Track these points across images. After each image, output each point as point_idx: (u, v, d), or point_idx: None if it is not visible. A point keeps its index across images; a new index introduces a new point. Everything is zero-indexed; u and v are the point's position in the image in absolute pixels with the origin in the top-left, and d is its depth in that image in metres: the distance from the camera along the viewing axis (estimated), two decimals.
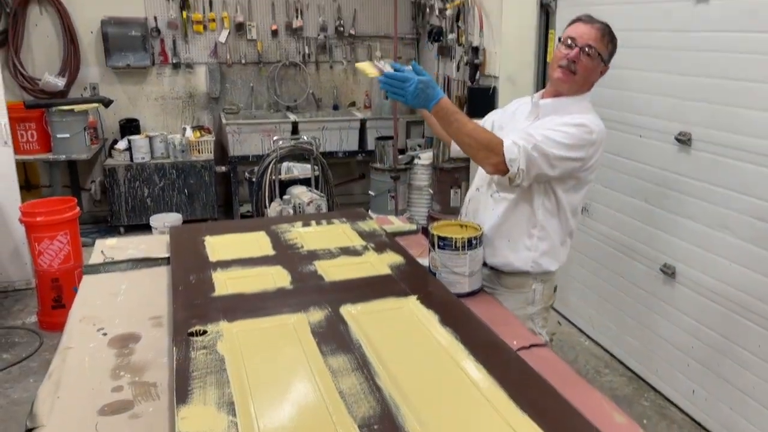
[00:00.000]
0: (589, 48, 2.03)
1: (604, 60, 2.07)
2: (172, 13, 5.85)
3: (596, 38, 2.04)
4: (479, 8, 4.53)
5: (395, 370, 1.45)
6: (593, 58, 2.04)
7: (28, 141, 5.28)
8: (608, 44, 2.07)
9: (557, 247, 2.17)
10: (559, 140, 1.96)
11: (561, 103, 2.09)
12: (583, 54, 2.03)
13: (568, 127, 1.98)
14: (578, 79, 2.06)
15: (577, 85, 2.08)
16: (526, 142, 1.93)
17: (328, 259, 2.15)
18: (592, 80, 2.11)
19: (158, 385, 1.48)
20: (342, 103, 6.52)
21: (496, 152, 1.93)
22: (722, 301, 2.84)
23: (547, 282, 2.21)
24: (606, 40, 2.06)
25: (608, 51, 2.08)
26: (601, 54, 2.05)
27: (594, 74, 2.09)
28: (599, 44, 2.04)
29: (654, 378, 3.35)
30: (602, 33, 2.05)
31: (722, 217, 2.81)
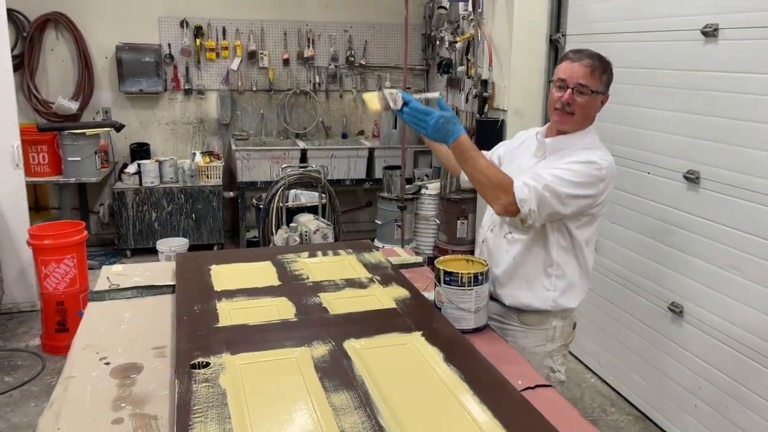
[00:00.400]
0: (581, 87, 2.00)
1: (601, 92, 2.04)
2: (186, 40, 5.95)
3: (586, 75, 2.00)
4: (489, 42, 4.58)
5: (398, 409, 1.43)
6: (588, 96, 2.01)
7: (39, 163, 5.33)
8: (601, 75, 2.02)
9: (576, 284, 2.14)
10: (569, 179, 1.95)
11: (567, 140, 2.08)
12: (576, 94, 2.01)
13: (577, 165, 1.97)
14: (577, 118, 2.05)
15: (578, 123, 2.07)
16: (537, 182, 1.93)
17: (333, 291, 2.14)
18: (593, 114, 2.09)
19: (159, 418, 1.47)
20: (351, 132, 6.56)
21: (506, 191, 1.93)
22: (731, 342, 2.80)
23: (567, 319, 2.18)
24: (598, 72, 2.01)
25: (603, 82, 2.03)
26: (595, 89, 2.02)
27: (593, 109, 2.07)
28: (590, 80, 2.00)
29: (661, 418, 3.30)
30: (592, 68, 2.00)
31: (731, 257, 2.79)
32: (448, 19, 5.60)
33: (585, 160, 1.99)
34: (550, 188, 1.93)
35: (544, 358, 2.16)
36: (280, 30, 6.17)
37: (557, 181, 1.94)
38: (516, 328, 2.17)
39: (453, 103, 5.68)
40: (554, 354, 2.18)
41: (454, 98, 5.68)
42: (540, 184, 1.93)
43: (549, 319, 2.14)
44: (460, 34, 5.25)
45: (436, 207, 5.27)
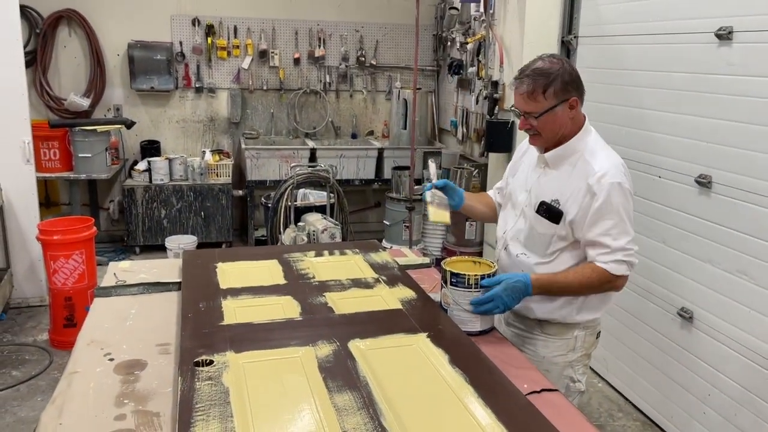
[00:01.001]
0: (528, 114, 1.96)
1: (552, 107, 1.93)
2: (198, 38, 5.97)
3: (525, 102, 1.94)
4: (500, 43, 4.56)
5: (401, 411, 1.42)
6: (542, 116, 1.94)
7: (50, 159, 5.36)
8: (544, 92, 1.91)
9: (600, 295, 2.07)
10: (625, 222, 1.92)
11: (566, 149, 2.01)
12: (529, 118, 1.97)
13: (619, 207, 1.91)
14: (548, 135, 1.98)
15: (556, 137, 1.99)
16: (617, 253, 1.91)
17: (338, 290, 2.14)
18: (566, 122, 1.97)
19: (161, 415, 1.46)
20: (360, 132, 6.56)
21: (611, 281, 1.94)
22: (741, 349, 2.77)
23: (590, 328, 2.12)
24: (538, 92, 1.91)
25: (551, 96, 1.92)
26: (541, 111, 1.93)
27: (557, 123, 1.96)
28: (532, 105, 1.93)
29: (669, 424, 3.26)
30: (528, 92, 1.92)
31: (742, 263, 2.75)
32: (459, 20, 5.58)
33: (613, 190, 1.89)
34: (623, 248, 1.92)
35: (564, 368, 2.11)
36: (292, 29, 6.17)
37: (621, 232, 1.92)
38: (537, 337, 2.12)
39: (463, 105, 5.67)
40: (575, 364, 2.12)
41: (464, 99, 5.67)
42: (620, 251, 1.92)
43: (571, 330, 2.09)
44: (471, 35, 5.23)
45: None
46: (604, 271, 1.92)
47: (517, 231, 2.13)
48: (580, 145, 2.00)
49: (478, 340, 1.89)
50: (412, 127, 5.20)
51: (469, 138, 5.63)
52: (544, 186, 2.04)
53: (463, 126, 5.68)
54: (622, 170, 1.95)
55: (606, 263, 1.92)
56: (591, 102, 3.81)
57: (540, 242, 2.05)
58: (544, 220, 2.01)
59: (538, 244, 2.05)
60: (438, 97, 6.49)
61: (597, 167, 1.93)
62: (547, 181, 2.04)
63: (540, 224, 2.03)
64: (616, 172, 1.92)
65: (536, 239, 2.06)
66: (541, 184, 2.05)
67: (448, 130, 6.15)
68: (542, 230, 2.03)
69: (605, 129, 3.61)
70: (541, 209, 2.02)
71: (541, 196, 2.03)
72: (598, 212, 1.90)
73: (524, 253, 2.09)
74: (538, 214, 2.02)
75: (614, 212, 1.90)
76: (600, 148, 2.01)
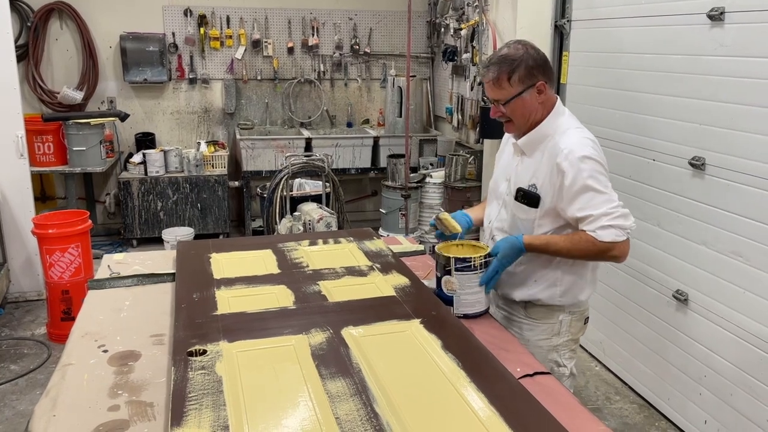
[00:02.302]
0: (496, 101, 2.00)
1: (519, 92, 1.96)
2: (190, 29, 5.93)
3: (493, 89, 1.98)
4: (493, 29, 4.53)
5: (394, 397, 1.43)
6: (510, 103, 1.97)
7: (44, 153, 5.34)
8: (509, 79, 1.94)
9: (586, 276, 2.09)
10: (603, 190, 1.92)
11: (538, 133, 2.03)
12: (501, 106, 2.00)
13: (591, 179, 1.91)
14: (519, 121, 2.01)
15: (527, 122, 2.02)
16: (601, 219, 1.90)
17: (332, 279, 2.14)
18: (535, 107, 2.00)
19: (155, 405, 1.47)
20: (356, 121, 6.54)
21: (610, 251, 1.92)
22: (736, 330, 2.78)
23: (576, 313, 2.13)
24: (504, 79, 1.94)
25: (516, 81, 1.95)
26: (509, 97, 1.96)
27: (527, 107, 1.98)
28: (500, 92, 1.97)
29: (665, 406, 3.28)
30: (494, 79, 1.96)
31: (736, 244, 2.75)
32: (452, 6, 5.55)
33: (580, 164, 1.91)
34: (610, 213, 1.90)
35: (549, 352, 2.12)
36: (284, 18, 6.14)
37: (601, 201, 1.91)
38: (522, 320, 2.14)
39: (458, 91, 5.65)
40: (560, 348, 2.13)
41: (459, 86, 5.65)
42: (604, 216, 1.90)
43: (555, 314, 2.10)
44: (465, 21, 5.20)
45: (441, 196, 5.25)
46: (591, 238, 1.91)
47: (501, 221, 2.15)
48: (551, 128, 2.02)
49: (472, 324, 1.90)
50: (407, 115, 5.19)
51: (464, 125, 5.62)
52: (521, 173, 2.07)
53: (459, 113, 5.66)
54: (589, 144, 1.96)
55: (593, 231, 1.91)
56: (584, 86, 3.83)
57: (523, 228, 2.06)
58: (523, 206, 2.04)
59: (522, 231, 2.05)
60: (433, 84, 6.47)
61: (563, 145, 1.95)
62: (524, 168, 2.06)
63: (520, 210, 2.05)
64: (581, 147, 1.94)
65: (519, 226, 2.07)
66: (518, 172, 2.08)
67: (443, 117, 6.13)
68: (523, 216, 2.05)
69: (599, 112, 3.62)
70: (519, 195, 2.04)
71: (518, 183, 2.06)
72: (571, 189, 1.92)
73: None
74: (517, 201, 2.05)
75: (585, 185, 1.91)
76: (572, 127, 2.02)
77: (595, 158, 1.94)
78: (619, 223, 1.90)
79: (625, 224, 1.91)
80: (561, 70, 4.03)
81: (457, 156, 5.04)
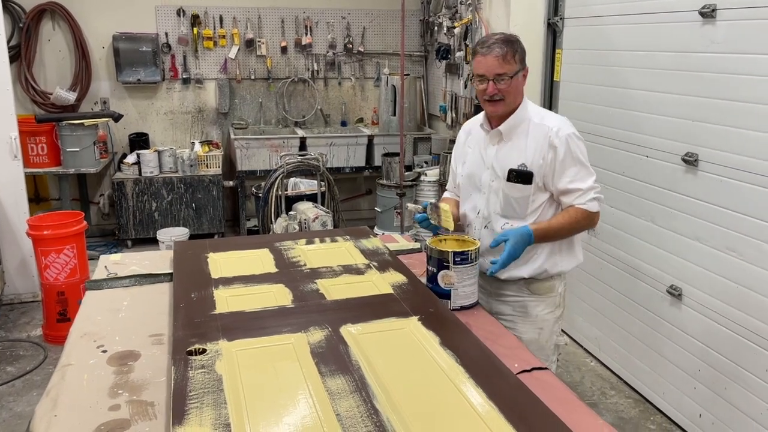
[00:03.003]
0: (499, 76, 2.12)
1: (518, 70, 2.15)
2: (183, 29, 5.92)
3: (500, 65, 2.11)
4: (487, 26, 4.55)
5: (394, 393, 1.44)
6: (508, 80, 2.13)
7: (38, 154, 5.32)
8: (514, 56, 2.13)
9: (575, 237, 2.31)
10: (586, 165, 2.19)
11: (516, 118, 2.21)
12: (498, 83, 2.13)
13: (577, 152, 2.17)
14: (508, 100, 2.17)
15: (515, 102, 2.19)
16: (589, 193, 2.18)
17: (330, 277, 2.15)
18: (522, 89, 2.21)
19: (156, 404, 1.47)
20: (350, 120, 6.54)
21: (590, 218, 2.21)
22: (730, 324, 2.81)
23: (564, 281, 2.37)
24: (509, 55, 2.12)
25: (517, 60, 2.14)
26: (513, 72, 2.13)
27: (520, 86, 2.19)
28: (506, 67, 2.11)
29: (660, 401, 3.31)
30: (502, 54, 2.11)
31: (730, 239, 2.78)
32: (445, 4, 5.56)
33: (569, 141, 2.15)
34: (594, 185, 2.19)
35: (554, 323, 2.34)
36: (278, 17, 6.13)
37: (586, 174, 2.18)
38: (527, 298, 2.30)
39: (452, 89, 5.66)
40: (559, 320, 2.37)
41: (453, 84, 5.66)
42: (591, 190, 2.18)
43: (555, 287, 2.31)
44: (458, 19, 5.22)
45: (436, 193, 5.26)
46: (584, 211, 2.18)
47: (492, 206, 2.28)
48: (526, 113, 2.22)
49: (468, 321, 1.91)
50: (401, 114, 5.20)
51: (458, 123, 5.63)
52: (505, 157, 2.23)
53: (453, 111, 5.68)
54: (570, 123, 2.21)
55: (584, 204, 2.17)
56: (577, 83, 3.85)
57: (518, 207, 2.22)
58: (517, 185, 2.20)
59: (517, 209, 2.22)
60: (427, 82, 6.48)
61: (551, 124, 2.17)
62: (507, 152, 2.22)
63: (514, 190, 2.21)
64: (567, 126, 2.19)
65: (513, 205, 2.23)
66: (501, 157, 2.24)
67: (437, 116, 6.15)
68: (517, 194, 2.21)
69: (592, 109, 3.64)
70: (511, 176, 2.20)
71: (506, 165, 2.21)
72: (563, 163, 2.15)
73: (507, 222, 2.25)
74: (510, 181, 2.20)
75: (575, 159, 2.16)
76: (544, 111, 2.28)
77: (578, 135, 2.19)
78: (599, 196, 2.20)
79: (602, 197, 2.23)
80: (554, 68, 4.05)
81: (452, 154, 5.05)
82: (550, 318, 2.31)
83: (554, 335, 2.34)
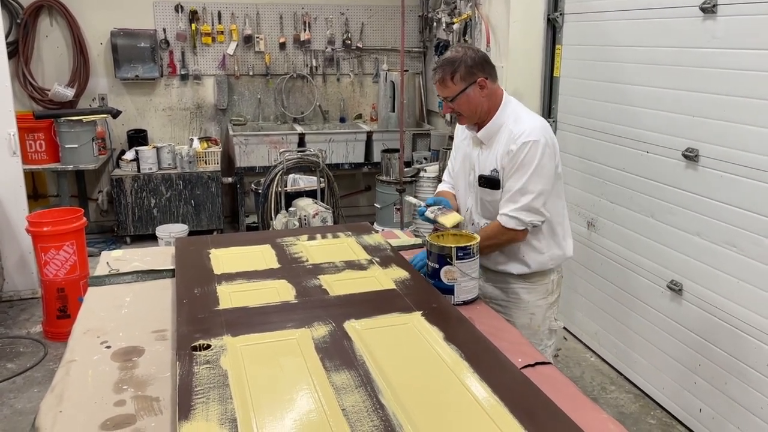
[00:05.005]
0: (446, 98, 2.22)
1: (462, 89, 2.17)
2: (181, 25, 5.90)
3: (440, 89, 2.21)
4: (486, 23, 4.55)
5: (399, 388, 1.44)
6: (457, 99, 2.18)
7: (36, 151, 5.31)
8: (453, 78, 2.16)
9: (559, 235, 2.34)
10: (531, 180, 2.15)
11: (493, 124, 2.25)
12: (449, 103, 2.22)
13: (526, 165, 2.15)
14: (468, 114, 2.24)
15: (475, 114, 2.23)
16: (516, 210, 2.17)
17: (332, 273, 2.15)
18: (481, 100, 2.20)
19: (161, 399, 1.47)
20: (349, 116, 6.54)
21: (512, 238, 2.22)
22: (730, 319, 2.82)
23: (559, 271, 2.42)
24: (448, 78, 2.16)
25: (459, 80, 2.16)
26: (454, 94, 2.17)
27: (473, 102, 2.19)
28: (445, 90, 2.19)
29: (660, 395, 3.32)
30: (440, 80, 2.18)
31: (730, 234, 2.79)
32: (444, 0, 5.55)
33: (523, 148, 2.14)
34: (529, 205, 2.17)
35: (547, 309, 2.38)
36: (276, 13, 6.12)
37: (523, 191, 2.16)
38: (519, 285, 2.35)
39: None
40: (553, 305, 2.41)
41: None
42: (518, 208, 2.17)
43: (548, 275, 2.36)
44: (457, 15, 5.20)
45: (435, 189, 5.26)
46: (497, 226, 2.22)
47: (474, 205, 2.38)
48: (503, 118, 2.24)
49: (471, 315, 1.92)
50: (400, 110, 5.19)
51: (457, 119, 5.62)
52: (483, 162, 2.30)
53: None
54: (540, 130, 2.18)
55: (500, 216, 2.21)
56: (577, 79, 3.85)
57: (492, 209, 2.29)
58: (487, 190, 2.28)
59: (491, 211, 2.30)
60: (425, 78, 6.47)
61: (517, 129, 2.18)
62: (485, 156, 2.29)
63: (485, 194, 2.30)
64: (533, 132, 2.16)
65: (488, 207, 2.32)
66: (480, 161, 2.31)
67: (436, 112, 6.14)
68: (489, 198, 2.29)
69: (592, 105, 3.64)
70: (481, 181, 2.29)
71: (481, 170, 2.29)
72: (512, 168, 2.19)
73: (487, 222, 2.33)
74: (481, 186, 2.29)
75: (525, 168, 2.15)
76: (523, 113, 2.25)
77: (542, 142, 2.15)
78: (520, 217, 2.18)
79: (527, 219, 2.18)
80: (554, 64, 4.05)
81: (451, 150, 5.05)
82: (542, 304, 2.36)
83: (547, 320, 2.39)
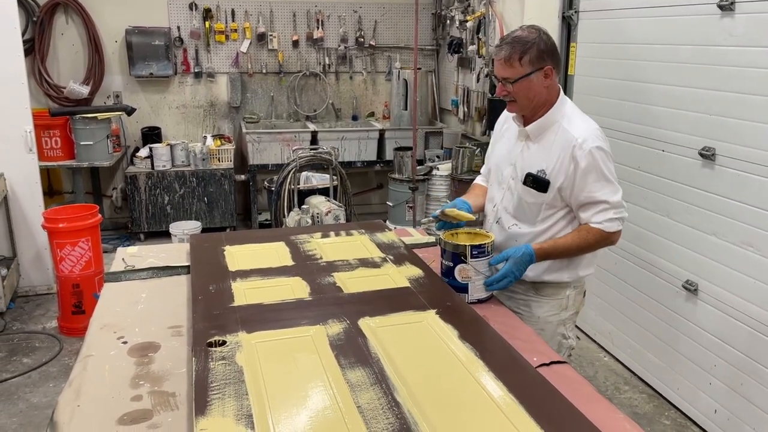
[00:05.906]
0: (504, 79, 2.06)
1: (527, 73, 2.02)
2: (195, 23, 5.93)
3: (503, 68, 2.04)
4: (500, 20, 4.53)
5: (414, 386, 1.44)
6: (512, 84, 2.04)
7: (52, 148, 5.36)
8: (521, 59, 2.00)
9: (587, 256, 2.19)
10: (611, 182, 2.05)
11: (545, 121, 2.11)
12: (506, 85, 2.06)
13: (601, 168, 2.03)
14: (523, 102, 2.08)
15: (531, 104, 2.08)
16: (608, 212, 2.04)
17: (346, 270, 2.15)
18: (539, 91, 2.06)
19: (177, 395, 1.48)
20: (361, 114, 6.54)
21: (607, 238, 2.08)
22: (746, 320, 2.79)
23: (578, 287, 2.26)
24: (515, 58, 2.01)
25: (526, 62, 2.01)
26: (517, 76, 2.02)
27: (533, 89, 2.05)
28: (509, 71, 2.03)
29: (675, 396, 3.30)
30: (506, 57, 2.02)
31: (746, 234, 2.76)
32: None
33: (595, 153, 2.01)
34: (615, 203, 2.05)
35: (557, 326, 2.24)
36: (289, 11, 6.13)
37: (610, 191, 2.04)
38: (531, 298, 2.23)
39: (464, 83, 5.65)
40: (567, 322, 2.26)
41: (465, 78, 5.64)
42: (611, 208, 2.05)
43: (563, 290, 2.21)
44: (470, 13, 5.19)
45: (448, 188, 5.25)
46: (599, 231, 2.06)
47: (506, 204, 2.22)
48: (558, 115, 2.10)
49: (485, 314, 1.91)
50: (413, 108, 5.18)
51: (470, 117, 5.61)
52: (528, 158, 2.13)
53: (464, 105, 5.66)
54: (599, 135, 2.07)
55: (600, 223, 2.05)
56: (592, 77, 3.82)
57: (530, 212, 2.14)
58: (532, 191, 2.11)
59: (528, 214, 2.15)
60: (438, 76, 6.46)
61: (576, 134, 2.04)
62: (531, 153, 2.13)
63: (528, 195, 2.12)
64: (594, 137, 2.03)
65: (525, 209, 2.15)
66: (525, 157, 2.14)
67: (449, 110, 6.13)
68: (531, 200, 2.13)
69: (607, 103, 3.62)
70: (528, 180, 2.11)
71: (526, 168, 2.12)
72: (584, 176, 2.02)
73: (515, 224, 2.19)
74: (526, 186, 2.12)
75: (599, 174, 2.03)
76: (577, 115, 2.11)
77: (606, 149, 2.06)
78: (622, 216, 2.07)
79: (625, 216, 2.09)
80: (569, 62, 4.02)
81: (464, 148, 5.04)
82: (553, 320, 2.22)
83: (557, 336, 2.23)
